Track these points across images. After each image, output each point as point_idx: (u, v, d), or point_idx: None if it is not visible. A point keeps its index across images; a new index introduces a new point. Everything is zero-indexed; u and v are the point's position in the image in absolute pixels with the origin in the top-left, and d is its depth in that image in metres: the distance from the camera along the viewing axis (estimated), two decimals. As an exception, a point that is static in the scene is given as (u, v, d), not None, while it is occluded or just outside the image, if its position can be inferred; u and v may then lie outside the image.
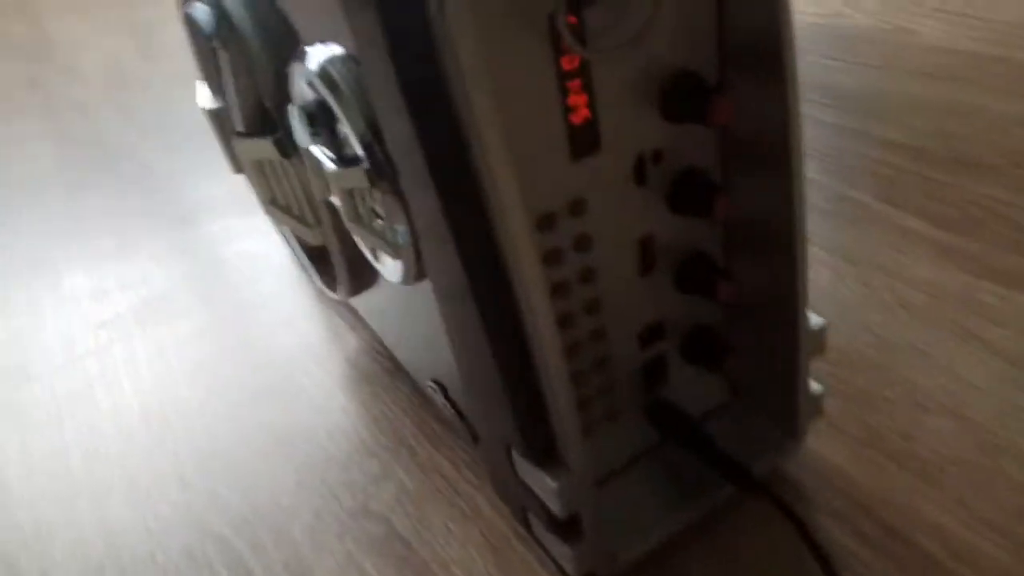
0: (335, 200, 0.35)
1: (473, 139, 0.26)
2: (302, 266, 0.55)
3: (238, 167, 0.48)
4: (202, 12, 0.41)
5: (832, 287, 0.52)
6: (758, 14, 0.29)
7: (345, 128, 0.31)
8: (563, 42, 0.27)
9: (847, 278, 0.52)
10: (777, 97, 0.30)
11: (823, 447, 0.42)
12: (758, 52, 0.30)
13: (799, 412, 0.38)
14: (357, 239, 0.37)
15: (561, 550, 0.35)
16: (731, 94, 0.32)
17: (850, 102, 0.70)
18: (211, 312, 0.61)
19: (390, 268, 0.35)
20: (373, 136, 0.30)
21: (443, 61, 0.25)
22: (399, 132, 0.28)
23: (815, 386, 0.39)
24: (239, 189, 0.51)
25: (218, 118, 0.46)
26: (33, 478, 0.50)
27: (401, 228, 0.32)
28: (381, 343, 0.53)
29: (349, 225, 0.35)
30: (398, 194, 0.30)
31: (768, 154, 0.32)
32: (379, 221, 0.33)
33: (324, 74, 0.31)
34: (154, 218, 0.75)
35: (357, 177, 0.31)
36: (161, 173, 0.83)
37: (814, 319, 0.36)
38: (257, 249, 0.67)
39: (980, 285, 0.50)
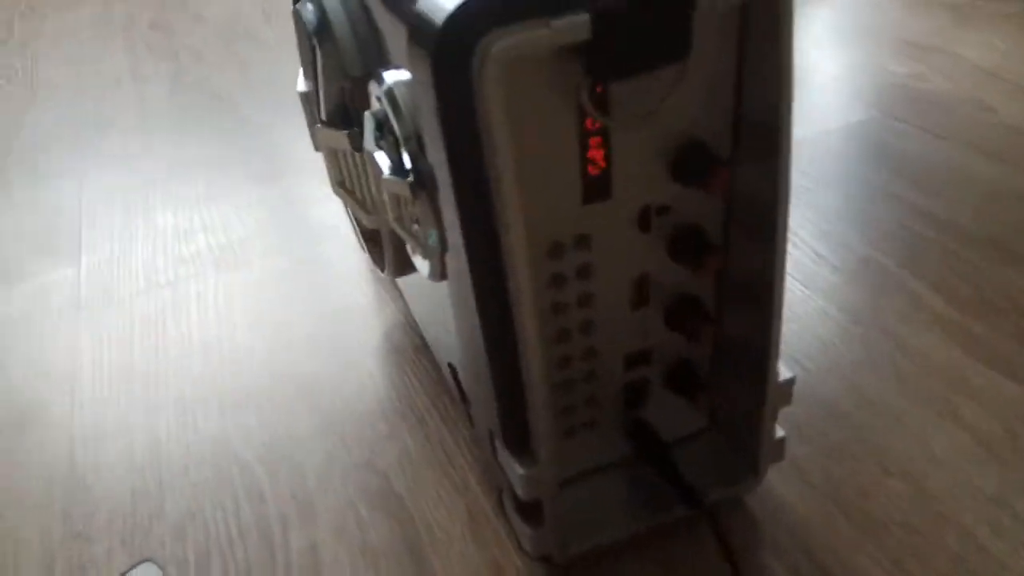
0: (385, 199, 0.41)
1: (493, 181, 0.31)
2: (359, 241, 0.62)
3: (318, 147, 0.54)
4: (309, 12, 0.47)
5: (833, 342, 0.55)
6: (765, 100, 0.34)
7: (400, 143, 0.36)
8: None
9: (849, 336, 0.56)
10: (772, 175, 0.35)
11: (784, 487, 0.46)
12: (762, 133, 0.35)
13: (760, 453, 0.43)
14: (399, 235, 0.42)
15: (523, 530, 0.41)
16: (737, 166, 0.36)
17: (904, 166, 0.72)
18: (278, 265, 0.68)
19: (421, 265, 0.40)
20: (420, 155, 0.35)
21: (478, 110, 0.30)
22: (437, 159, 0.33)
23: (780, 432, 0.43)
24: (323, 160, 0.58)
25: (308, 102, 0.53)
26: (99, 387, 0.57)
27: (433, 234, 0.37)
28: (414, 320, 0.59)
29: (392, 224, 0.41)
30: (433, 207, 0.36)
31: (760, 222, 0.36)
32: (416, 226, 0.38)
33: (390, 94, 0.36)
34: (244, 170, 0.82)
35: (403, 187, 0.36)
36: (258, 129, 0.90)
37: (784, 372, 0.41)
38: (330, 215, 0.73)
39: (973, 367, 0.53)
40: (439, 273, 0.39)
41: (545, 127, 0.33)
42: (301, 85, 0.53)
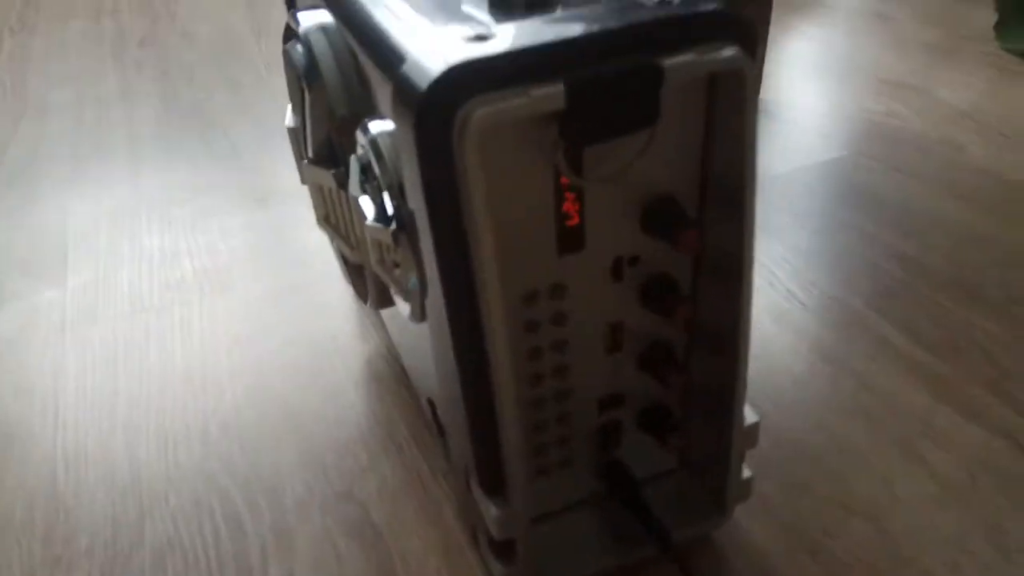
0: (367, 242, 0.42)
1: (470, 234, 0.32)
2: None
3: (304, 181, 0.56)
4: (299, 54, 0.48)
5: (802, 380, 0.57)
6: (731, 162, 0.35)
7: (383, 191, 0.38)
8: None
9: (818, 375, 0.57)
10: (737, 231, 0.36)
11: (752, 524, 0.48)
12: (728, 192, 0.36)
13: (727, 493, 0.44)
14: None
15: (497, 568, 0.42)
16: (706, 221, 0.38)
17: (876, 205, 0.74)
18: (263, 291, 0.69)
19: (402, 306, 0.42)
20: (401, 203, 0.37)
21: (457, 168, 0.32)
22: (418, 209, 0.34)
23: (747, 472, 0.44)
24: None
25: (296, 137, 0.54)
26: (81, 409, 0.58)
27: (413, 279, 0.38)
28: (396, 350, 0.61)
29: (374, 267, 0.42)
30: (414, 253, 0.37)
31: (726, 274, 0.38)
32: (397, 269, 0.40)
33: (374, 144, 0.38)
34: (231, 193, 0.83)
35: (385, 234, 0.38)
36: (247, 152, 0.91)
37: (750, 415, 0.42)
38: (315, 242, 0.74)
39: (939, 409, 0.54)
40: (419, 315, 0.40)
41: (522, 184, 0.34)
42: (289, 120, 0.54)
